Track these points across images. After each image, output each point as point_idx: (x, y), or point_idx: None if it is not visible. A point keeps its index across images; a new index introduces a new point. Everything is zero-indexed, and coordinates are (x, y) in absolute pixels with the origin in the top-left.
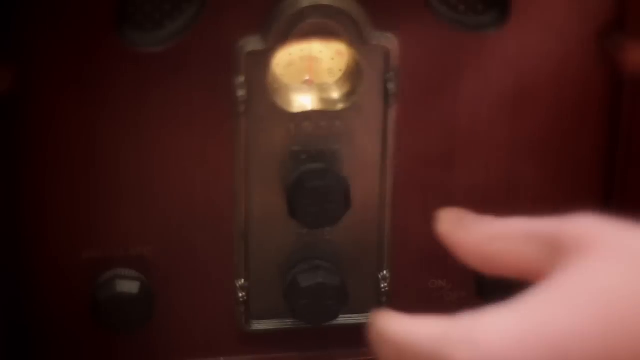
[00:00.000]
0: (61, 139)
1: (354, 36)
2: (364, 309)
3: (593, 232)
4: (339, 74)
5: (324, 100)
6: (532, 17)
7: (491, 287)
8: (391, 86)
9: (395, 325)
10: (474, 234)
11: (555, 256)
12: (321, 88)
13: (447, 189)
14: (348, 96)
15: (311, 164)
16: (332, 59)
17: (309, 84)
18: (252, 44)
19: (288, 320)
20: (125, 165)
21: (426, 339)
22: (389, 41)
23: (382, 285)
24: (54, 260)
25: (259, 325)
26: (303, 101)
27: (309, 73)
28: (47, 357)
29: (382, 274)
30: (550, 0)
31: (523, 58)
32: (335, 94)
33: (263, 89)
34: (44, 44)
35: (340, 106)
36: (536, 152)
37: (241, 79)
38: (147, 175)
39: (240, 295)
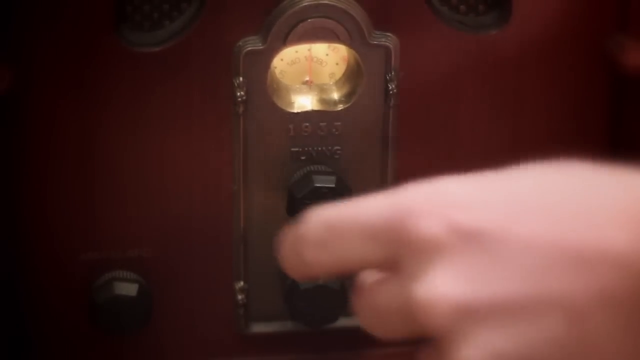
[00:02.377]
0: (59, 139)
1: (355, 36)
2: None
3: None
4: (339, 77)
5: (324, 101)
6: (532, 17)
7: None
8: (391, 86)
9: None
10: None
11: (399, 253)
12: (321, 88)
13: None
14: (348, 96)
15: None
16: (337, 64)
17: (309, 84)
18: (251, 43)
19: (287, 323)
20: (123, 165)
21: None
22: (390, 41)
23: None
24: (51, 262)
25: (258, 328)
26: (302, 102)
27: (309, 74)
28: (45, 358)
29: None
30: (550, 1)
31: (523, 58)
32: (335, 95)
33: (262, 90)
34: (43, 43)
35: (340, 106)
36: (536, 152)
37: (240, 79)
38: (146, 176)
39: (240, 297)
